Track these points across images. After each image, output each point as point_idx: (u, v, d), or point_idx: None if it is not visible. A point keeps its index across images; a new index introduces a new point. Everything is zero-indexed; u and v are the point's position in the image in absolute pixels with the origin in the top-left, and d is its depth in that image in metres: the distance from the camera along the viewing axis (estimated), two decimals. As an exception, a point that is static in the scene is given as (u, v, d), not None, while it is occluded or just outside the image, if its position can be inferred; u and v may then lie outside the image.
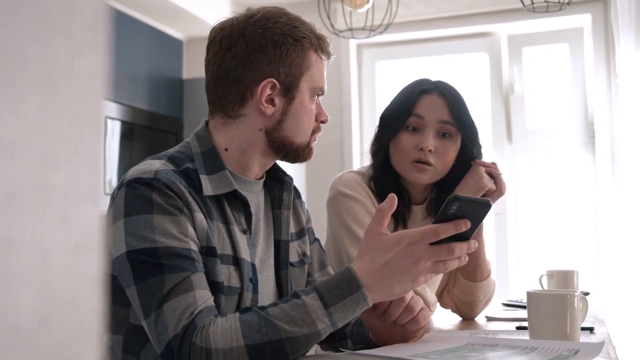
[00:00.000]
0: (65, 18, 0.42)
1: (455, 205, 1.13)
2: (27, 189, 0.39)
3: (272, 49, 1.32)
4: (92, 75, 0.44)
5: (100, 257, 0.43)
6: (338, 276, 1.15)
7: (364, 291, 1.13)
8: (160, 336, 1.13)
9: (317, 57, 1.38)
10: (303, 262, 1.50)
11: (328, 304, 1.12)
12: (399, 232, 1.18)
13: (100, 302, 0.43)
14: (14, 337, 0.37)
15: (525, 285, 3.03)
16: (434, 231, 1.14)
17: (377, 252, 1.16)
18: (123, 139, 3.53)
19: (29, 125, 0.39)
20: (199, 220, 1.24)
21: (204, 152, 1.34)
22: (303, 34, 1.35)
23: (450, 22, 4.24)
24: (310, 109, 1.38)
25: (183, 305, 1.13)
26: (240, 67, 1.33)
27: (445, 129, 1.81)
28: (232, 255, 1.30)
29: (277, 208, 1.45)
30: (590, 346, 1.19)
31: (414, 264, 1.14)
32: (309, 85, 1.37)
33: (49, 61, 0.41)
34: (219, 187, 1.31)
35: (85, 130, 0.43)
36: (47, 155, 0.41)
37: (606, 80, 3.92)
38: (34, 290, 0.39)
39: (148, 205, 1.20)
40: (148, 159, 1.33)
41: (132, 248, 1.18)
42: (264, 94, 1.32)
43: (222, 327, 1.11)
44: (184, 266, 1.17)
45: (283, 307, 1.12)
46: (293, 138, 1.37)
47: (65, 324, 0.40)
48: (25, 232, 0.39)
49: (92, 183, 0.43)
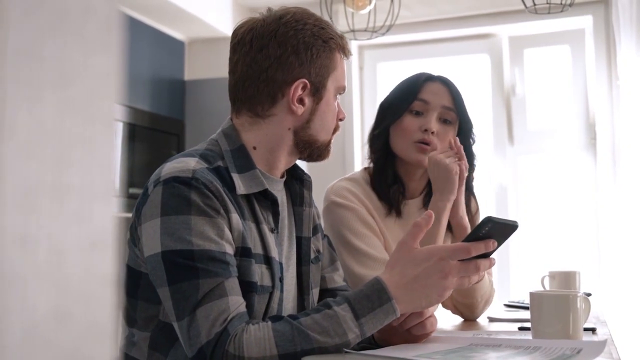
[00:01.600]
0: (80, 19, 0.42)
1: (488, 227, 1.18)
2: (42, 188, 0.40)
3: (304, 50, 1.35)
4: (106, 75, 0.44)
5: (114, 256, 0.43)
6: (368, 288, 1.19)
7: (393, 303, 1.18)
8: (192, 341, 1.14)
9: (341, 57, 1.42)
10: (318, 259, 1.51)
11: (359, 314, 1.16)
12: (430, 247, 1.22)
13: (114, 300, 0.43)
14: (31, 333, 0.38)
15: (527, 286, 3.04)
16: (466, 249, 1.19)
17: (407, 265, 1.20)
18: (124, 141, 3.53)
19: (44, 125, 0.40)
20: (235, 221, 1.25)
21: (233, 150, 1.35)
22: (330, 35, 1.39)
23: (451, 23, 4.25)
24: (334, 108, 1.42)
25: (216, 311, 1.15)
26: (272, 68, 1.34)
27: (447, 114, 1.86)
28: (263, 255, 1.31)
29: (299, 205, 1.47)
30: (593, 345, 1.19)
31: (442, 279, 1.19)
32: (334, 85, 1.41)
33: (64, 61, 0.41)
34: (250, 186, 1.32)
35: (99, 130, 0.44)
36: (62, 155, 0.41)
37: (607, 81, 3.93)
38: (50, 288, 0.39)
39: (186, 205, 1.20)
40: (180, 157, 1.31)
41: (168, 248, 1.18)
42: (296, 94, 1.35)
43: (255, 335, 1.13)
44: (219, 271, 1.18)
45: (315, 317, 1.15)
46: (318, 136, 1.40)
47: (81, 321, 0.41)
48: (41, 230, 0.39)
49: (106, 183, 0.43)
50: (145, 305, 1.30)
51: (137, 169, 3.61)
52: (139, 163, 3.65)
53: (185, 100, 4.13)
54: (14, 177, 0.38)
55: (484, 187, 4.00)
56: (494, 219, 1.18)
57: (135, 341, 1.32)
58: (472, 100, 4.11)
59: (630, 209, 3.61)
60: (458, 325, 1.82)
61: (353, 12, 3.09)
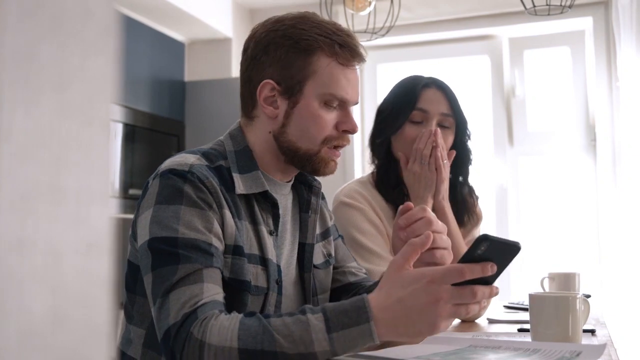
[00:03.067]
0: (78, 21, 0.42)
1: (484, 246, 1.04)
2: (39, 191, 0.40)
3: (274, 50, 1.32)
4: (103, 78, 0.44)
5: (111, 258, 0.43)
6: (350, 303, 1.09)
7: (371, 325, 1.06)
8: (161, 323, 1.13)
9: (332, 61, 1.33)
10: (328, 263, 1.50)
11: (331, 328, 1.06)
12: (421, 268, 1.09)
13: (111, 302, 0.43)
14: (28, 336, 0.38)
15: (527, 287, 3.04)
16: (459, 271, 1.05)
17: (394, 285, 1.08)
18: (125, 141, 3.53)
19: (42, 128, 0.40)
20: (228, 218, 1.25)
21: (237, 151, 1.36)
22: (308, 36, 1.32)
23: (451, 25, 4.25)
24: (319, 115, 1.34)
25: (188, 295, 1.13)
26: (250, 68, 1.36)
27: (445, 120, 1.93)
28: (259, 256, 1.31)
29: (305, 211, 1.45)
30: (593, 348, 1.19)
31: (432, 304, 1.05)
32: (318, 91, 1.33)
33: (62, 64, 0.41)
34: (250, 187, 1.32)
35: (96, 133, 0.44)
36: (60, 158, 0.41)
37: (607, 83, 3.93)
38: (47, 291, 0.39)
39: (178, 196, 1.21)
40: (183, 153, 1.33)
41: (154, 236, 1.19)
42: (262, 94, 1.33)
43: (221, 324, 1.09)
44: (199, 259, 1.17)
45: (286, 320, 1.08)
46: (298, 143, 1.34)
47: (77, 324, 0.41)
48: (38, 233, 0.39)
49: (102, 185, 0.43)
50: (141, 301, 1.30)
51: (136, 170, 3.61)
52: (139, 164, 3.65)
53: (185, 101, 4.13)
54: (10, 179, 0.38)
55: (484, 188, 3.99)
56: (491, 238, 1.05)
57: (131, 338, 1.32)
58: (472, 101, 4.12)
59: (630, 211, 3.61)
60: (457, 327, 1.82)
61: (353, 13, 3.09)
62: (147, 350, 1.30)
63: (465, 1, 4.14)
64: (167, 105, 3.97)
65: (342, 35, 1.34)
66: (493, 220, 4.10)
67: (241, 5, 4.42)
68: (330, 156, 1.37)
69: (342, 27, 1.37)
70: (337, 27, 1.36)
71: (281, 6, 4.48)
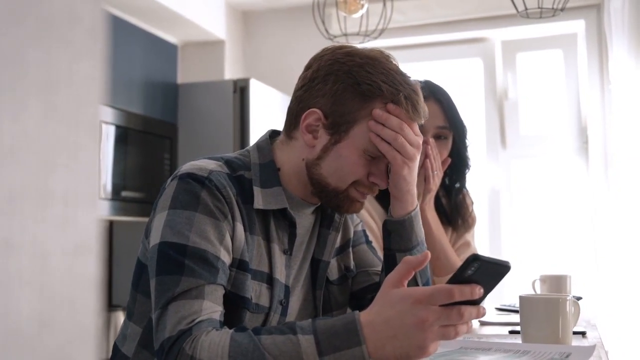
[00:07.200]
0: (66, 25, 0.43)
1: (474, 266, 1.01)
2: (27, 193, 0.40)
3: (333, 82, 1.28)
4: (91, 81, 0.44)
5: (98, 260, 0.44)
6: (342, 323, 1.05)
7: (363, 349, 1.02)
8: (158, 334, 1.13)
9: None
10: (345, 277, 1.47)
11: (323, 351, 1.03)
12: (410, 288, 1.06)
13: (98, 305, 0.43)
14: (14, 338, 0.38)
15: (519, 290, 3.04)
16: (447, 292, 1.01)
17: (384, 305, 1.05)
18: (117, 144, 3.53)
19: (29, 131, 0.40)
20: (239, 231, 1.24)
21: (262, 164, 1.33)
22: (371, 81, 1.27)
23: (444, 27, 4.26)
24: (356, 161, 1.29)
25: (187, 310, 1.13)
26: (304, 89, 1.32)
27: (441, 132, 1.96)
28: (267, 274, 1.29)
29: (326, 228, 1.42)
30: (582, 350, 1.20)
31: (418, 327, 1.01)
32: (366, 137, 1.28)
33: (49, 67, 0.41)
34: (270, 202, 1.29)
35: (84, 135, 0.44)
36: (47, 160, 0.41)
37: (599, 85, 3.94)
38: (34, 293, 0.39)
39: (194, 202, 1.21)
40: (205, 158, 1.31)
41: (165, 240, 1.19)
42: (307, 120, 1.30)
43: (212, 340, 1.08)
44: (203, 274, 1.16)
45: (277, 339, 1.05)
46: (329, 179, 1.30)
47: (65, 326, 0.41)
48: (25, 235, 0.40)
49: (90, 187, 0.44)
50: (142, 299, 1.31)
51: (129, 173, 3.61)
52: (132, 166, 3.64)
53: (179, 103, 4.13)
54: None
55: (476, 191, 4.00)
56: (482, 258, 1.01)
57: (127, 334, 1.33)
58: (465, 104, 4.13)
59: (622, 213, 3.62)
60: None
61: (345, 15, 3.09)
62: (141, 350, 1.30)
63: (458, 4, 4.15)
64: (159, 107, 3.97)
65: (408, 88, 1.30)
66: (486, 223, 4.11)
67: (234, 8, 4.42)
68: (357, 197, 1.33)
69: (410, 81, 1.32)
70: (405, 80, 1.31)
71: (274, 8, 4.48)
